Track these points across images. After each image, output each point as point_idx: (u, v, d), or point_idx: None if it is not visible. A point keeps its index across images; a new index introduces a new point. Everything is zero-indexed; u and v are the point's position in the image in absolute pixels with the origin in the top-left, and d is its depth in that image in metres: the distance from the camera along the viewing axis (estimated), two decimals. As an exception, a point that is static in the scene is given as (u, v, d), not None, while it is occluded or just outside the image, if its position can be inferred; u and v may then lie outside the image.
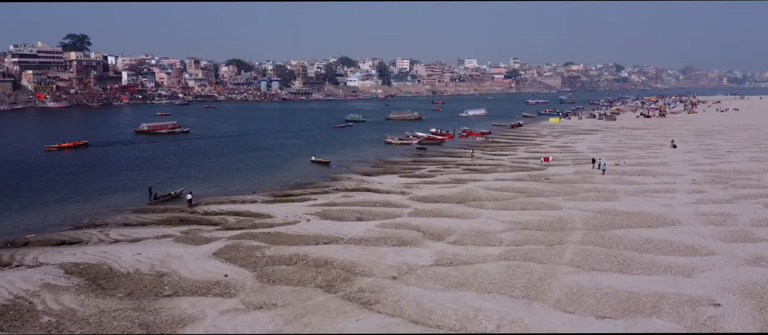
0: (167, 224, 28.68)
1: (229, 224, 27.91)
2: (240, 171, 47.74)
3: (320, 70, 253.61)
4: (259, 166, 50.79)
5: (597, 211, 29.51)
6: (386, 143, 68.16)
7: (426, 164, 49.58)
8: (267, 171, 47.70)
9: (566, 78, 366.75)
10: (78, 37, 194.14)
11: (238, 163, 52.79)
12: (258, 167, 50.34)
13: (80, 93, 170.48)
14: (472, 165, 47.58)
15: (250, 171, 47.70)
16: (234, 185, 40.63)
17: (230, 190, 38.54)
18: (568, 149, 58.09)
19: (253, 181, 42.44)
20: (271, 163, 52.65)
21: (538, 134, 75.10)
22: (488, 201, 32.19)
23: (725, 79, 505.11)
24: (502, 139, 70.92)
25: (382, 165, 49.25)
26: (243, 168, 49.37)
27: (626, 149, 56.69)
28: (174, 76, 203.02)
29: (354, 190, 36.85)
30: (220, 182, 41.98)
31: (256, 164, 52.25)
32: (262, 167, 50.33)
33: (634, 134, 73.63)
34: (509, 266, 20.62)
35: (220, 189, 39.15)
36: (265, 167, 50.28)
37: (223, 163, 52.84)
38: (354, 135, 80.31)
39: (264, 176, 44.73)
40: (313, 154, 55.56)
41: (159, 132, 78.24)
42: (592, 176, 40.60)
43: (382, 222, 27.53)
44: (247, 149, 63.69)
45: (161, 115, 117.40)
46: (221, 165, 51.36)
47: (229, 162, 53.31)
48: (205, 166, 50.82)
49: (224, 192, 37.68)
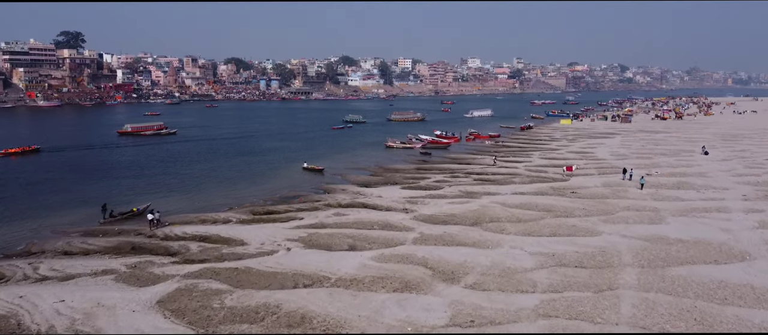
0: (115, 252, 23.28)
1: (190, 255, 22.48)
2: (222, 180, 42.33)
3: (321, 70, 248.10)
4: (245, 174, 45.38)
5: (644, 238, 24.03)
6: (387, 147, 62.73)
7: (431, 172, 44.14)
8: (253, 180, 42.29)
9: (570, 78, 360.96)
10: (72, 34, 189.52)
11: (223, 170, 47.37)
12: (244, 174, 44.93)
13: (73, 92, 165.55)
14: (484, 174, 42.10)
15: (234, 180, 42.29)
16: (211, 198, 35.21)
17: (204, 205, 33.13)
18: (588, 155, 52.54)
19: (235, 193, 37.03)
20: (259, 170, 47.20)
21: (552, 138, 69.57)
22: (509, 223, 26.69)
23: (730, 80, 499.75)
24: (513, 143, 65.37)
25: (381, 174, 43.81)
26: (226, 177, 43.95)
27: (653, 156, 51.16)
28: (170, 74, 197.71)
29: (348, 206, 31.40)
30: (196, 195, 36.56)
31: (243, 171, 46.82)
32: (248, 175, 44.92)
33: (655, 138, 68.04)
34: (552, 327, 15.17)
35: (193, 203, 33.75)
36: (252, 175, 44.86)
37: (206, 170, 47.44)
38: (353, 138, 74.87)
39: (248, 187, 39.32)
40: (307, 159, 50.21)
41: (143, 134, 72.89)
42: (625, 189, 35.08)
43: (380, 253, 22.09)
44: (236, 154, 58.25)
45: (151, 115, 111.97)
46: (204, 172, 45.97)
47: (213, 169, 47.91)
48: (185, 173, 45.41)
49: (197, 208, 32.28)
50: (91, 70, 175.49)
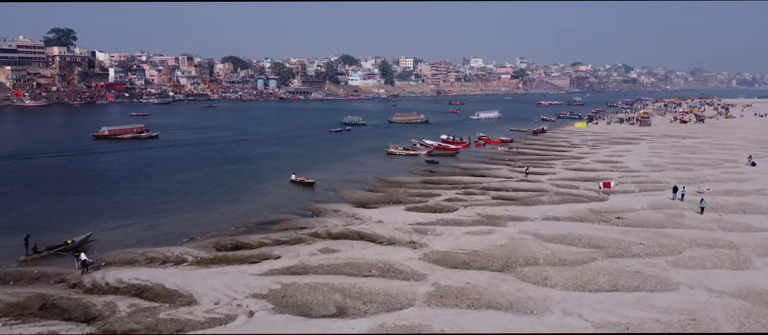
0: (16, 313, 16.91)
1: (113, 321, 16.07)
2: (195, 197, 35.88)
3: (320, 69, 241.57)
4: (223, 188, 38.90)
5: (738, 294, 17.66)
6: (388, 153, 56.33)
7: (441, 186, 37.72)
8: (231, 196, 35.87)
9: (574, 79, 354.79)
10: (63, 31, 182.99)
11: (200, 183, 40.91)
12: (222, 189, 38.46)
13: (62, 91, 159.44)
14: (503, 191, 35.67)
15: (209, 197, 35.84)
16: (173, 223, 28.80)
17: (162, 233, 26.75)
18: (618, 165, 46.07)
19: (205, 215, 30.65)
20: (242, 184, 40.72)
21: (571, 143, 63.04)
22: (551, 267, 20.26)
23: (734, 80, 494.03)
24: (529, 149, 58.83)
25: (382, 189, 37.38)
26: (201, 193, 37.44)
27: (693, 167, 44.71)
28: (164, 73, 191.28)
29: (340, 237, 25.01)
30: (158, 218, 30.12)
31: (222, 185, 40.33)
32: (227, 189, 38.45)
33: (684, 144, 61.55)
34: None
35: (150, 231, 27.35)
36: (232, 189, 38.41)
37: (181, 182, 40.98)
38: (351, 142, 68.46)
39: (223, 206, 32.91)
40: (297, 169, 43.88)
41: (121, 137, 66.52)
42: (680, 213, 28.62)
43: (379, 323, 15.68)
44: (221, 161, 51.76)
45: (136, 115, 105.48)
46: (177, 186, 39.53)
47: (189, 182, 41.46)
48: (154, 188, 38.96)
49: (151, 237, 25.91)
50: (82, 69, 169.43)
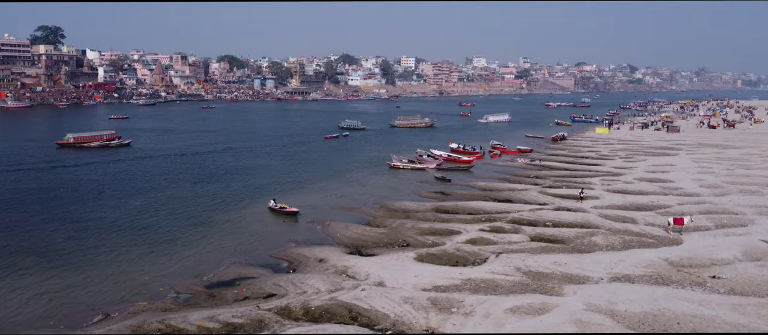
0: None
1: None
2: (144, 234, 27.90)
3: (319, 68, 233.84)
4: (184, 219, 30.83)
5: None
6: (391, 167, 48.62)
7: (459, 216, 29.92)
8: (189, 234, 27.87)
9: (579, 79, 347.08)
10: (51, 29, 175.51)
11: (160, 211, 32.81)
12: (182, 221, 30.43)
13: (48, 91, 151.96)
14: (541, 225, 27.87)
15: (161, 234, 27.88)
16: (92, 284, 20.85)
17: (69, 303, 18.88)
18: (668, 186, 38.13)
19: (142, 267, 22.71)
20: (209, 213, 32.51)
21: (599, 154, 55.11)
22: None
23: (739, 81, 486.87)
24: (554, 161, 50.88)
25: (383, 221, 29.51)
26: (154, 226, 29.44)
27: (760, 189, 36.79)
28: (157, 72, 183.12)
29: (321, 317, 17.12)
30: (76, 272, 22.13)
31: (184, 213, 32.21)
32: (188, 221, 30.42)
33: (728, 155, 53.67)
34: None
35: (53, 298, 19.49)
36: (194, 222, 30.35)
37: (136, 210, 32.80)
38: (348, 151, 60.60)
39: (171, 251, 24.96)
40: (281, 189, 36.21)
41: (88, 146, 58.58)
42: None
43: None
44: (195, 179, 43.59)
45: (116, 118, 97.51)
46: (129, 216, 31.46)
47: (146, 208, 33.39)
48: (99, 217, 31.01)
49: (48, 311, 18.11)
50: (70, 68, 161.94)
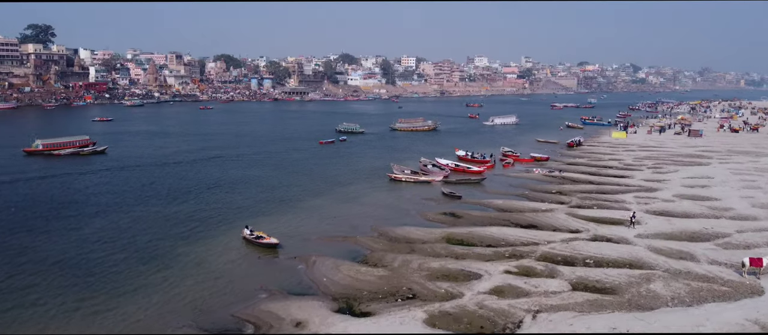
0: None
1: None
2: (81, 274, 22.63)
3: (318, 68, 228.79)
4: (137, 254, 25.50)
5: None
6: (392, 179, 43.65)
7: (475, 249, 25.00)
8: (138, 275, 22.53)
9: (582, 79, 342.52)
10: (41, 27, 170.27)
11: (112, 240, 27.50)
12: (134, 257, 25.06)
13: (36, 91, 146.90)
14: (578, 259, 23.04)
15: (102, 278, 22.40)
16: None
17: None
18: (715, 206, 33.23)
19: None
20: (167, 246, 26.87)
21: (623, 163, 50.16)
22: None
23: (743, 81, 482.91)
24: (575, 172, 45.89)
25: (382, 257, 24.40)
26: (98, 265, 23.94)
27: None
28: (150, 72, 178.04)
29: None
30: None
31: (140, 246, 26.78)
32: (142, 255, 25.14)
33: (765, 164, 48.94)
34: None
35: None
36: (150, 255, 25.00)
37: (87, 239, 27.49)
38: (345, 159, 55.47)
39: (99, 311, 19.79)
40: (260, 215, 31.20)
41: (58, 153, 53.43)
42: None
43: None
44: (169, 195, 38.09)
45: (101, 120, 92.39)
46: (78, 247, 26.07)
47: (100, 234, 28.03)
48: (35, 250, 25.81)
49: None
50: (60, 68, 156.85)
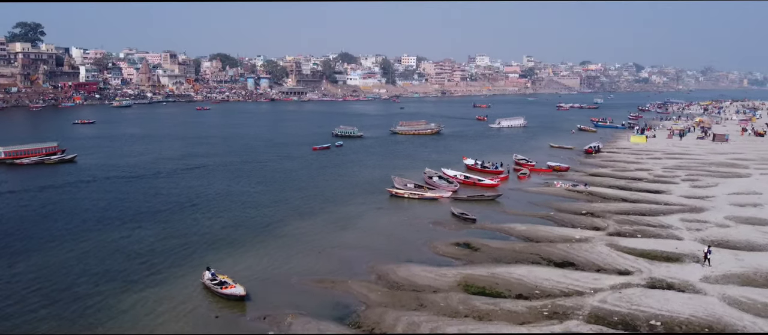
0: None
1: None
2: None
3: (317, 67, 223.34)
4: (58, 310, 20.19)
5: None
6: (392, 195, 38.09)
7: (501, 303, 19.68)
8: None
9: (585, 78, 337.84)
10: (30, 26, 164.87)
11: (39, 283, 22.26)
12: (53, 315, 19.78)
13: (24, 92, 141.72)
14: (638, 319, 17.81)
15: None
16: None
17: None
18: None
19: None
20: (106, 292, 21.65)
21: (653, 174, 44.76)
22: None
23: (746, 80, 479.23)
24: (602, 186, 40.31)
25: (380, 316, 18.74)
26: (20, 316, 19.13)
27: None
28: (143, 72, 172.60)
29: None
30: None
31: (68, 297, 21.31)
32: (59, 316, 19.86)
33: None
34: None
35: None
36: (69, 320, 19.94)
37: (11, 281, 22.42)
38: (340, 168, 49.86)
39: None
40: (231, 248, 25.94)
41: (21, 162, 48.23)
42: None
43: None
44: (131, 216, 32.54)
45: (82, 122, 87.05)
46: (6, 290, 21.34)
47: (35, 273, 22.72)
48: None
49: None
50: (49, 67, 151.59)
